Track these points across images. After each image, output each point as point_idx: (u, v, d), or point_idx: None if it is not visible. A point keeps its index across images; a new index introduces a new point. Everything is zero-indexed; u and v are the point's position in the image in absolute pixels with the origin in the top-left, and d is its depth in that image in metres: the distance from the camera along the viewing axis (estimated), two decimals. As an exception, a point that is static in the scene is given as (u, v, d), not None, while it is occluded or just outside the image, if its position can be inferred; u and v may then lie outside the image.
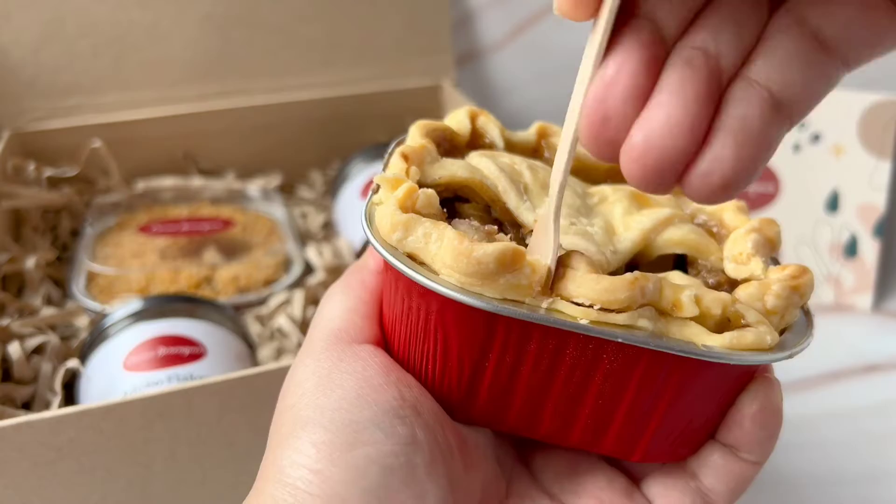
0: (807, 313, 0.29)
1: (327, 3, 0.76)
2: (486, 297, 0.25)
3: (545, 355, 0.27)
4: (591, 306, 0.25)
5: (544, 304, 0.26)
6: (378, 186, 0.29)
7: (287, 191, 0.79)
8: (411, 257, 0.27)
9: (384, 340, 0.31)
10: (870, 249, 0.69)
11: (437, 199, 0.28)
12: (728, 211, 0.33)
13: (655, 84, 0.21)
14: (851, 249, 0.70)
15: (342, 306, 0.30)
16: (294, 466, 0.24)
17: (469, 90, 0.87)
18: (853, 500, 0.52)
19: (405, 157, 0.30)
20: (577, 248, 0.28)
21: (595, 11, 0.21)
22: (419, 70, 0.80)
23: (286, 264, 0.65)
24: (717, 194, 0.21)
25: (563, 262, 0.26)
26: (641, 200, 0.33)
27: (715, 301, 0.26)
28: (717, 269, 0.31)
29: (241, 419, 0.43)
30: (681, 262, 0.32)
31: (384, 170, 0.31)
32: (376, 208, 0.28)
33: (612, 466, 0.31)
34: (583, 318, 0.25)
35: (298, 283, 0.63)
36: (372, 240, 0.27)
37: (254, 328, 0.58)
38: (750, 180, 0.21)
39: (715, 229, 0.33)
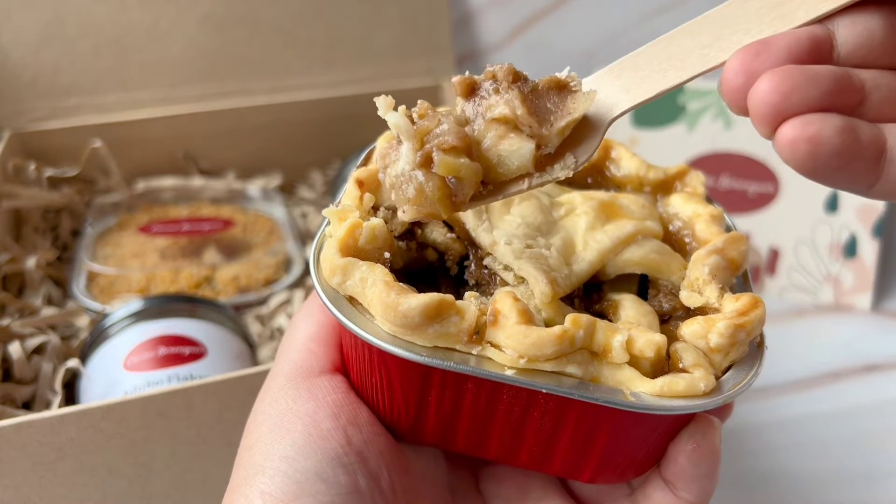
0: (759, 344, 0.28)
1: (327, 3, 0.76)
2: (417, 346, 0.25)
3: (482, 394, 0.27)
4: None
5: (475, 352, 0.26)
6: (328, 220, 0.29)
7: (287, 191, 0.79)
8: (352, 300, 0.27)
9: (343, 366, 0.31)
10: (869, 249, 0.69)
11: (383, 229, 0.28)
12: (701, 221, 0.32)
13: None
14: (851, 249, 0.70)
15: (303, 335, 0.31)
16: None
17: (469, 90, 0.87)
18: (853, 499, 0.52)
19: (359, 184, 0.30)
20: (529, 276, 0.28)
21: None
22: (419, 70, 0.80)
23: (286, 264, 0.65)
24: (763, 101, 0.22)
25: (496, 305, 0.26)
26: (609, 212, 0.32)
27: (648, 344, 0.26)
28: (677, 291, 0.30)
29: (241, 419, 0.43)
30: (645, 277, 0.32)
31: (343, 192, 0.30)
32: (326, 241, 0.28)
33: (563, 493, 0.33)
34: (511, 366, 0.25)
35: (298, 283, 0.63)
36: (315, 283, 0.28)
37: (254, 328, 0.58)
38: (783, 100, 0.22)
39: (687, 239, 0.33)
